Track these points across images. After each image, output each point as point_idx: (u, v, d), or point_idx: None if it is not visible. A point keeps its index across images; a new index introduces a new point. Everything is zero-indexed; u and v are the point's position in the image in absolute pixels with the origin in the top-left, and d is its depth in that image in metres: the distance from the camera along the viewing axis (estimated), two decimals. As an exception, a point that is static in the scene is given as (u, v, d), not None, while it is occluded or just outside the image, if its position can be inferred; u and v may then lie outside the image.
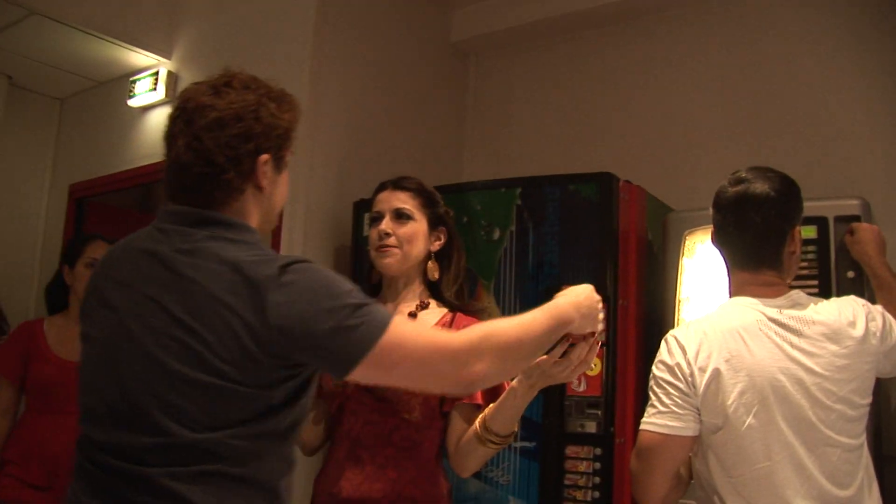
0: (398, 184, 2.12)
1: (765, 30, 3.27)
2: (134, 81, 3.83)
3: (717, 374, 1.72)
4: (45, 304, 3.10)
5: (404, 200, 2.09)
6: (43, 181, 4.36)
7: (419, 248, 2.08)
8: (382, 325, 1.36)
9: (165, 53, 3.78)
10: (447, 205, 2.23)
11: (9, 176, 4.23)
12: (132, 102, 3.85)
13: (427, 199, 2.11)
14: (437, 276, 2.10)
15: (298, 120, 1.57)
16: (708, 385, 1.72)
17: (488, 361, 1.43)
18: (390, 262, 2.05)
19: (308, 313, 1.33)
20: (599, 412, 2.47)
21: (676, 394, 1.75)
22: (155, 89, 3.72)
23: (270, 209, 1.56)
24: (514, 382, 1.80)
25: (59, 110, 4.46)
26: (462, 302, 2.11)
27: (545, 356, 1.71)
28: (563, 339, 1.67)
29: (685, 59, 3.45)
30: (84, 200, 4.15)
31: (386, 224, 2.06)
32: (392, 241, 2.05)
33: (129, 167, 3.85)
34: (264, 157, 1.49)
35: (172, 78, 3.74)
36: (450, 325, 2.01)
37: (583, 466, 2.47)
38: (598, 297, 1.67)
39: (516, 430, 1.87)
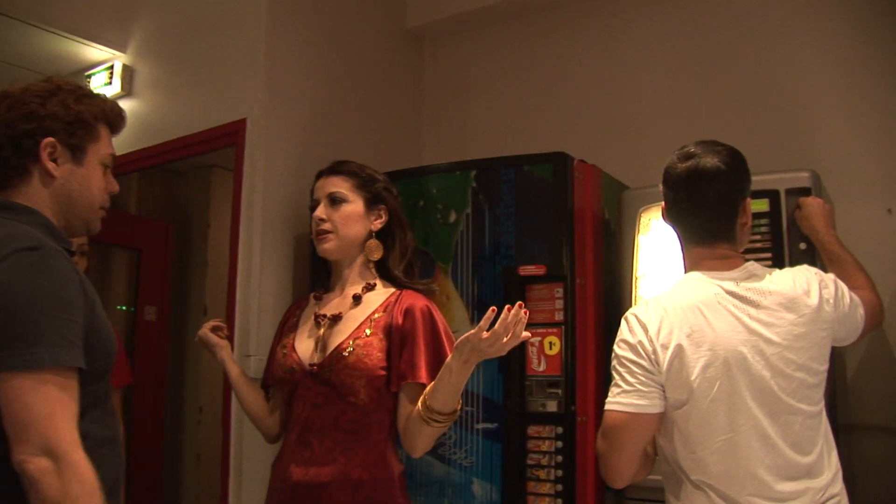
0: (332, 169, 2.16)
1: (715, 6, 3.28)
2: (89, 76, 3.79)
3: (679, 349, 1.73)
4: None
5: (337, 184, 2.11)
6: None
7: (356, 229, 2.10)
8: (34, 364, 1.31)
9: (120, 47, 3.74)
10: (402, 190, 2.23)
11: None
12: (87, 97, 3.80)
13: (362, 180, 2.13)
14: (378, 255, 2.12)
15: (99, 116, 1.61)
16: (671, 361, 1.73)
17: (48, 479, 1.29)
18: (327, 247, 2.09)
19: (17, 304, 1.33)
20: (560, 391, 2.48)
21: (640, 372, 1.75)
22: (111, 83, 3.68)
23: (70, 200, 1.57)
24: (448, 359, 1.81)
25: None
26: (411, 279, 2.11)
27: (472, 330, 1.72)
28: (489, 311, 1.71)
29: (637, 37, 3.46)
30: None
31: (320, 210, 2.10)
32: (327, 226, 2.08)
33: (87, 162, 3.81)
34: (48, 139, 1.53)
35: (128, 71, 3.70)
36: (395, 303, 2.02)
37: (545, 446, 2.47)
38: None
39: (458, 407, 1.87)
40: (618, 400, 1.76)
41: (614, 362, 1.81)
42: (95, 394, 1.50)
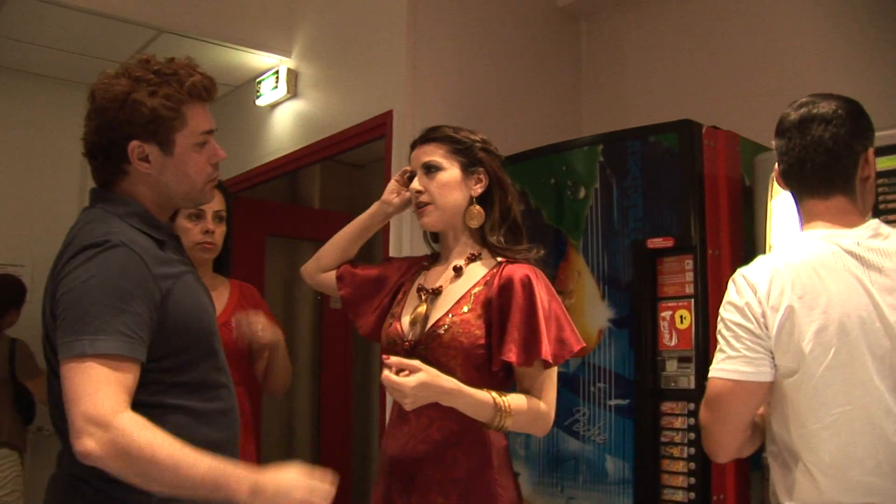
0: (424, 137, 2.01)
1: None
2: (259, 82, 4.08)
3: (790, 312, 1.59)
4: None
5: (431, 152, 1.97)
6: (195, 183, 4.72)
7: (454, 196, 1.94)
8: (81, 353, 1.39)
9: (286, 52, 4.00)
10: (534, 169, 2.11)
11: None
12: (259, 102, 4.10)
13: (456, 145, 1.97)
14: (476, 222, 1.96)
15: (182, 98, 1.58)
16: (782, 325, 1.59)
17: (100, 448, 1.34)
18: (427, 220, 1.96)
19: (71, 297, 1.44)
20: (692, 366, 2.40)
21: (747, 336, 1.63)
22: (277, 87, 3.95)
23: (168, 189, 1.63)
24: None
25: (205, 117, 4.80)
26: (515, 245, 1.96)
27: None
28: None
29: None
30: (232, 196, 4.47)
31: (416, 182, 1.96)
32: (425, 197, 1.94)
33: (262, 162, 4.12)
34: (133, 143, 1.57)
35: (293, 75, 3.96)
36: (496, 275, 1.89)
37: (678, 423, 2.40)
38: (295, 487, 1.48)
39: (486, 423, 1.78)
40: (722, 366, 1.65)
41: (720, 326, 1.69)
42: (201, 375, 1.62)
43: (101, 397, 1.36)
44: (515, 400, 1.78)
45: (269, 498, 1.43)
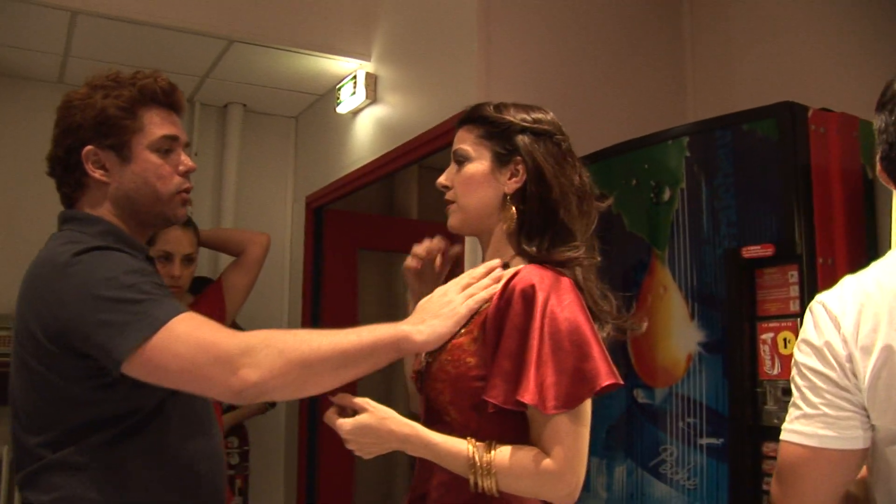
0: (461, 119, 1.60)
1: None
2: (339, 89, 3.88)
3: (888, 354, 1.17)
4: None
5: (462, 139, 1.57)
6: (286, 195, 4.60)
7: (480, 194, 1.52)
8: (155, 324, 1.30)
9: (364, 56, 3.79)
10: (612, 170, 1.75)
11: (257, 195, 4.50)
12: (340, 109, 3.90)
13: (489, 129, 1.54)
14: (510, 225, 1.52)
15: (136, 100, 1.52)
16: (877, 373, 1.17)
17: (265, 370, 1.28)
18: (452, 223, 1.56)
19: (84, 303, 1.33)
20: (798, 400, 1.98)
21: (827, 388, 1.21)
22: (356, 93, 3.73)
23: (130, 201, 1.53)
24: None
25: (294, 127, 4.67)
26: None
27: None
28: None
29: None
30: (321, 209, 4.31)
31: (444, 176, 1.58)
32: (450, 195, 1.56)
33: (346, 172, 3.93)
34: (87, 149, 1.49)
35: (371, 79, 3.73)
36: (503, 286, 1.45)
37: (784, 467, 1.99)
38: (443, 292, 1.43)
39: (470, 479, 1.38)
40: (795, 427, 1.24)
41: (793, 372, 1.28)
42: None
43: (221, 336, 1.32)
44: (502, 455, 1.37)
45: (434, 321, 1.39)
